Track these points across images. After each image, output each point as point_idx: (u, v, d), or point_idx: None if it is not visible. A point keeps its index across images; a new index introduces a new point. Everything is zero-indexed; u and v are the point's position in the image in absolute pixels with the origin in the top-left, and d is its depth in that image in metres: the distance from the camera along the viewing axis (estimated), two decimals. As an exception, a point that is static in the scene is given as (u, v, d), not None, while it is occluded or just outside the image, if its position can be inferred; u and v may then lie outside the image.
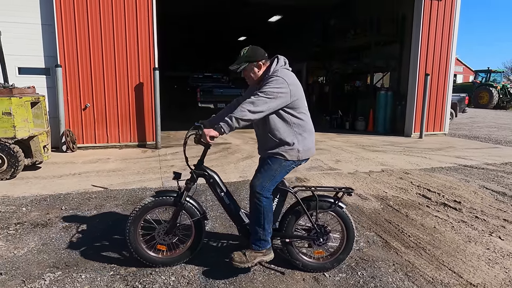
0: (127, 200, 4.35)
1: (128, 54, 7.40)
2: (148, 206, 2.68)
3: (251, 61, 2.56)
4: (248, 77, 2.64)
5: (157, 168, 5.95)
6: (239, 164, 6.28)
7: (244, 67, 2.58)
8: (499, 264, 2.99)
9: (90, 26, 7.11)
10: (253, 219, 2.60)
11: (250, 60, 2.56)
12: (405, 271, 2.85)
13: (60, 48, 6.99)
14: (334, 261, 2.79)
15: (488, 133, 11.32)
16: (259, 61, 2.57)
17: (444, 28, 9.51)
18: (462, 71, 44.79)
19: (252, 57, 2.56)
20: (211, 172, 2.73)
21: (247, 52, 2.57)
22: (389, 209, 4.21)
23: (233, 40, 21.08)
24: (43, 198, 4.38)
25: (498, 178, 5.60)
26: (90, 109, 7.36)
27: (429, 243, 3.34)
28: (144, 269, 2.75)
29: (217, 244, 3.26)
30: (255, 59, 2.56)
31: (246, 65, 2.57)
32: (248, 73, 2.62)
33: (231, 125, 2.37)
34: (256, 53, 2.58)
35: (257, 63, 2.57)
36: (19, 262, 2.87)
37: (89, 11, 7.07)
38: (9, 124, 4.98)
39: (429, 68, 9.52)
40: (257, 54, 2.57)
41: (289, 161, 2.56)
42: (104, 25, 7.18)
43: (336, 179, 5.43)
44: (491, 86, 24.31)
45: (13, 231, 3.43)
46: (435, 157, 7.16)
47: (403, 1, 10.31)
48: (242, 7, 13.54)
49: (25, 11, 6.85)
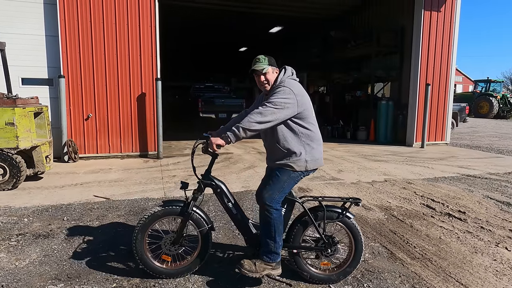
0: (129, 211, 4.32)
1: (131, 64, 7.46)
2: (158, 214, 2.67)
3: (272, 65, 2.63)
4: (262, 82, 2.63)
5: (159, 178, 5.93)
6: (241, 174, 6.26)
7: (268, 69, 2.61)
8: (507, 275, 2.95)
9: (94, 37, 7.19)
10: (263, 232, 2.58)
11: (272, 64, 2.63)
12: (411, 283, 2.81)
13: (64, 59, 7.05)
14: (341, 274, 2.76)
15: (489, 143, 11.31)
16: (276, 68, 2.66)
17: (444, 38, 9.59)
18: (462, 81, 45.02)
19: (272, 63, 2.64)
20: (218, 182, 2.72)
21: (267, 57, 2.64)
22: (394, 220, 4.18)
23: (234, 50, 21.28)
24: (45, 208, 4.35)
25: (502, 188, 5.57)
26: (92, 119, 7.38)
27: (435, 254, 3.30)
28: (147, 281, 2.71)
29: (221, 255, 3.23)
30: (275, 65, 2.66)
31: (269, 68, 2.61)
32: (263, 77, 2.61)
33: (238, 135, 2.38)
34: (273, 60, 2.67)
35: (275, 68, 2.66)
36: (20, 274, 2.83)
37: (92, 22, 7.15)
38: (12, 134, 4.99)
39: (430, 78, 9.57)
40: (274, 61, 2.67)
41: (297, 172, 2.55)
42: (107, 36, 7.26)
43: (339, 189, 5.40)
44: (491, 96, 24.40)
45: (14, 242, 3.40)
46: (438, 166, 7.14)
47: (403, 12, 10.43)
48: (243, 19, 13.69)
49: (29, 22, 6.94)
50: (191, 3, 11.71)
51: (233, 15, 13.38)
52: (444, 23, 9.52)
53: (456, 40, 9.69)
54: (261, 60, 2.61)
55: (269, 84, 2.63)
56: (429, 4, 9.30)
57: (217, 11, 12.81)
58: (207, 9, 12.47)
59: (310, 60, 15.75)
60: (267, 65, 2.60)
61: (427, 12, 9.30)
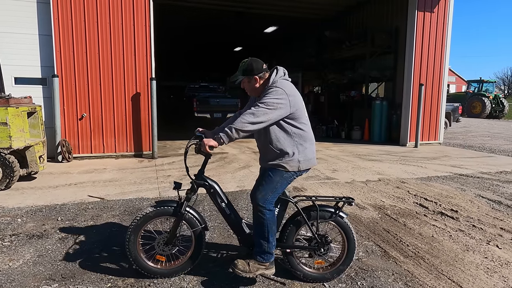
0: (124, 211, 4.31)
1: (125, 64, 7.43)
2: (150, 215, 2.66)
3: (247, 74, 2.58)
4: (246, 89, 2.68)
5: (154, 178, 5.93)
6: (236, 174, 6.27)
7: (241, 80, 2.61)
8: (498, 273, 3.00)
9: (88, 36, 7.15)
10: (257, 232, 2.60)
11: (247, 74, 2.58)
12: (404, 280, 2.85)
13: (57, 58, 7.01)
14: (335, 272, 2.78)
15: (482, 142, 11.44)
16: (256, 75, 2.57)
17: (437, 39, 9.68)
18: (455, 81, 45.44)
19: (249, 71, 2.57)
20: (211, 182, 2.73)
21: (245, 65, 2.58)
22: (387, 219, 4.22)
23: (229, 50, 21.26)
24: (39, 208, 4.33)
25: (494, 187, 5.64)
26: (86, 119, 7.34)
27: (428, 252, 3.34)
28: (142, 281, 2.72)
29: (216, 254, 3.24)
30: (252, 74, 2.57)
31: (242, 78, 2.60)
32: (245, 85, 2.65)
33: (230, 136, 2.39)
34: (254, 67, 2.56)
35: (253, 77, 2.57)
36: (14, 274, 2.82)
37: (86, 22, 7.11)
38: (5, 134, 4.95)
39: (423, 78, 9.66)
40: (255, 68, 2.56)
41: (290, 172, 2.56)
42: (101, 36, 7.22)
43: (333, 189, 5.44)
44: (484, 96, 24.66)
45: (8, 243, 3.38)
46: (431, 166, 7.21)
47: (397, 13, 10.51)
48: (239, 19, 13.69)
49: (22, 21, 6.88)
50: (186, 3, 11.69)
51: (229, 15, 13.37)
52: (437, 23, 9.61)
53: (449, 40, 9.79)
54: (238, 69, 2.60)
55: (249, 91, 2.65)
56: (423, 5, 9.38)
57: (212, 11, 12.80)
58: (202, 9, 12.45)
59: (305, 60, 15.79)
60: (240, 76, 2.59)
61: (420, 12, 9.39)
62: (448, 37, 9.76)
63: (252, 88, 2.63)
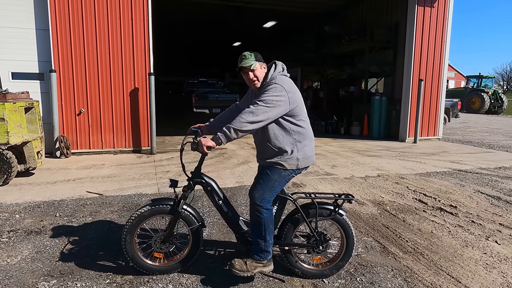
0: (123, 207, 4.30)
1: (124, 59, 7.37)
2: (144, 215, 2.63)
3: (260, 60, 2.58)
4: (255, 77, 2.55)
5: (153, 173, 5.91)
6: (235, 170, 6.25)
7: (256, 65, 2.54)
8: (497, 268, 3.00)
9: (85, 30, 7.08)
10: (254, 230, 2.57)
11: (259, 60, 2.58)
12: (404, 276, 2.85)
13: (55, 53, 6.94)
14: (334, 268, 2.78)
15: (481, 138, 11.44)
16: (263, 63, 2.61)
17: (437, 34, 9.63)
18: (454, 77, 45.39)
19: (259, 59, 2.59)
20: (208, 179, 2.69)
21: (254, 53, 2.58)
22: (386, 214, 4.21)
23: (228, 45, 21.16)
24: (37, 204, 4.31)
25: (493, 183, 5.64)
26: (84, 114, 7.30)
27: (427, 248, 3.34)
28: (141, 277, 2.71)
29: (215, 251, 3.23)
30: (262, 61, 2.60)
31: (257, 64, 2.55)
32: (256, 73, 2.54)
33: (229, 136, 2.33)
34: (260, 56, 2.61)
35: (264, 63, 2.60)
36: (12, 270, 2.81)
37: (84, 16, 7.04)
38: (2, 130, 4.91)
39: (423, 74, 9.63)
40: (260, 57, 2.61)
41: (288, 170, 2.52)
42: (99, 30, 7.16)
43: (332, 184, 5.43)
44: (483, 92, 24.63)
45: (6, 239, 3.36)
46: (430, 161, 7.21)
47: (396, 8, 10.45)
48: (237, 13, 13.60)
49: (19, 16, 6.80)
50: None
51: (228, 9, 13.28)
52: (437, 19, 9.56)
53: (449, 36, 9.74)
54: (247, 57, 2.53)
55: (258, 81, 2.56)
56: (423, 0, 9.32)
57: (212, 5, 12.71)
58: (202, 3, 12.35)
59: (304, 55, 15.72)
60: (254, 61, 2.53)
61: (420, 7, 9.33)
62: (448, 32, 9.71)
63: (259, 75, 2.55)
